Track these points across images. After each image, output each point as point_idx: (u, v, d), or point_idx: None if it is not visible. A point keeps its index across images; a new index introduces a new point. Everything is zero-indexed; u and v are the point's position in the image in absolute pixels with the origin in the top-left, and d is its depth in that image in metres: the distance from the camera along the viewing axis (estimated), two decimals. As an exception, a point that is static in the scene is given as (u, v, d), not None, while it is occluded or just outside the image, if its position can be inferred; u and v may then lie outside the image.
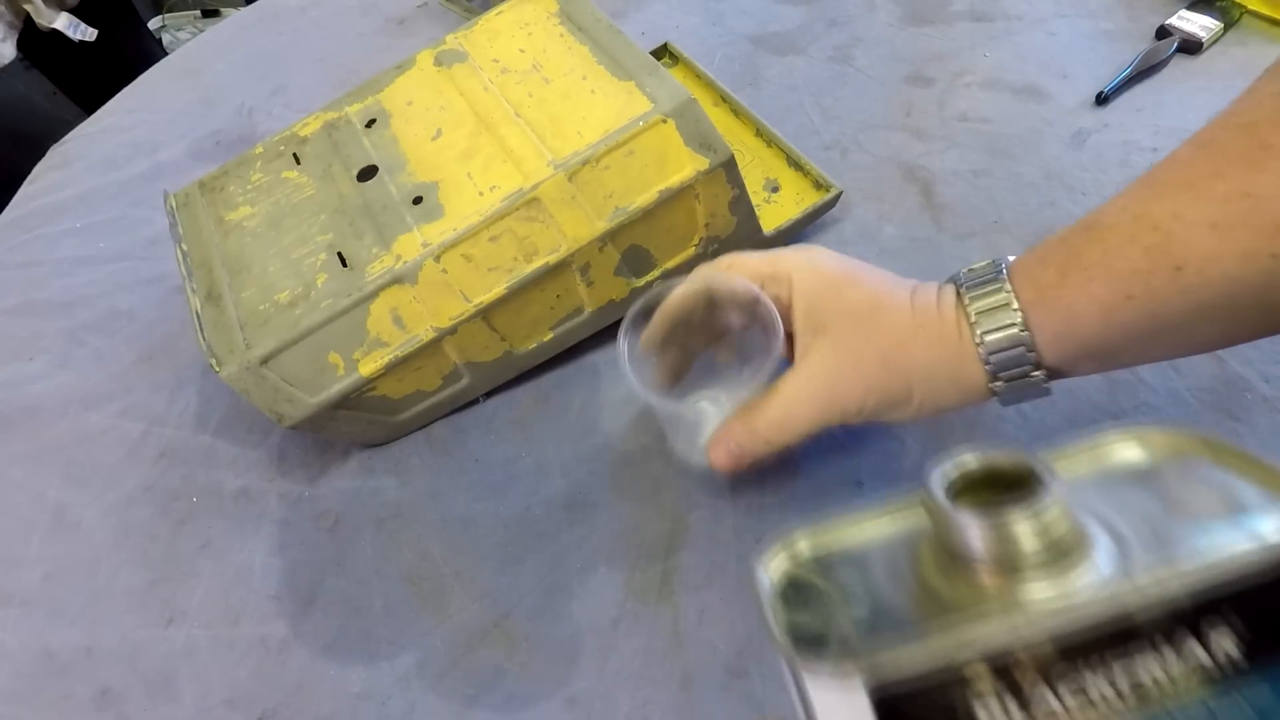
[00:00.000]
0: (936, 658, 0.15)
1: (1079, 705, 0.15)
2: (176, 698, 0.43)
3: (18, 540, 0.51)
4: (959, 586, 0.16)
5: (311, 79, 0.82)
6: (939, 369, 0.36)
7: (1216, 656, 0.15)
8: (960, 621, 0.15)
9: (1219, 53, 0.69)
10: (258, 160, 0.55)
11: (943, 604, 0.16)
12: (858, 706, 0.15)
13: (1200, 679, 0.15)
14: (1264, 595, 0.14)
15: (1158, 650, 0.14)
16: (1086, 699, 0.15)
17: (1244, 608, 0.14)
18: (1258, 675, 0.14)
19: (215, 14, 2.00)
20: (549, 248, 0.47)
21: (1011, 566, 0.15)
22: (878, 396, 0.37)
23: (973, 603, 0.16)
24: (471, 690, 0.42)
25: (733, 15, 0.80)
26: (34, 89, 1.11)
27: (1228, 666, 0.15)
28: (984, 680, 0.15)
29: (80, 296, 0.64)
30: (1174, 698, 0.14)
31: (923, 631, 0.15)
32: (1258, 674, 0.14)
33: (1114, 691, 0.14)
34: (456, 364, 0.50)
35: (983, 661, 0.15)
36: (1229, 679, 0.15)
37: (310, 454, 0.52)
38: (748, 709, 0.40)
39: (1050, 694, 0.15)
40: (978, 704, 0.15)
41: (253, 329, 0.46)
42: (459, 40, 0.56)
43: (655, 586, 0.44)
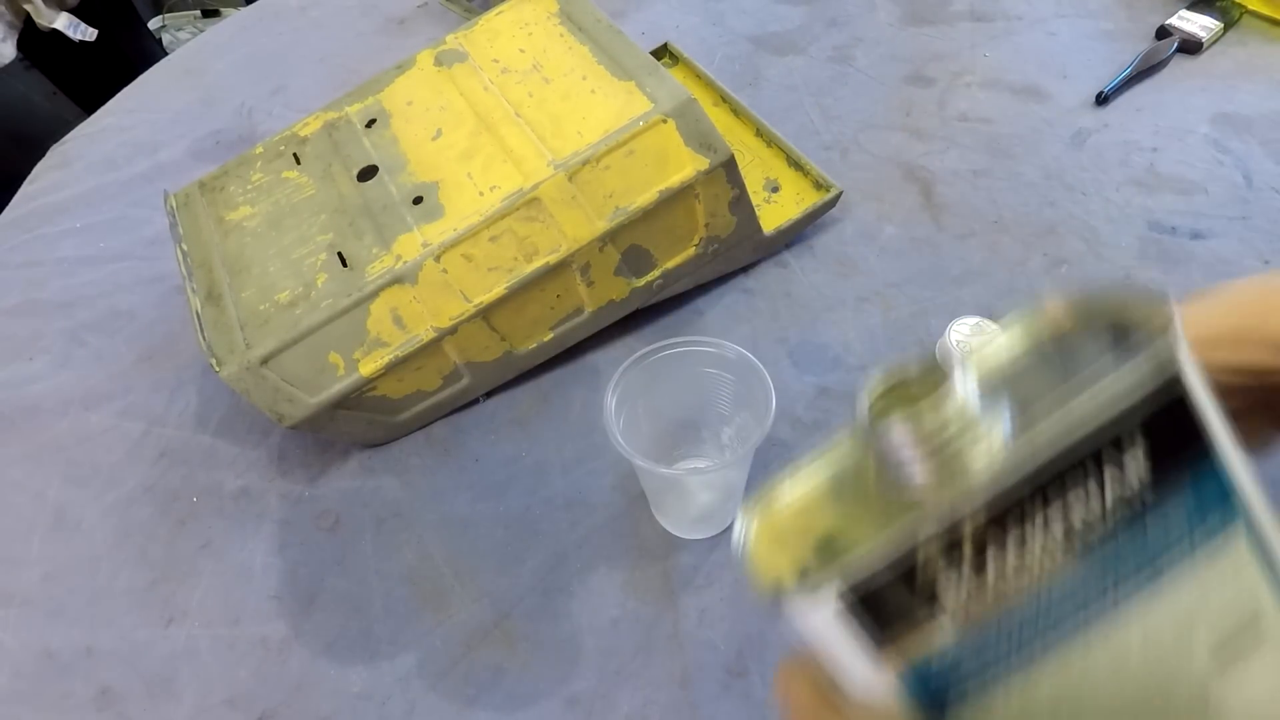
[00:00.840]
0: (891, 549, 0.16)
1: (1026, 559, 0.16)
2: (176, 698, 0.43)
3: (18, 540, 0.51)
4: (900, 493, 0.17)
5: (311, 79, 0.82)
6: None
7: (1131, 485, 0.16)
8: (905, 515, 0.16)
9: (1219, 53, 0.69)
10: (258, 160, 0.55)
11: (889, 512, 0.17)
12: (831, 617, 0.16)
13: (1125, 509, 0.16)
14: (1157, 415, 0.15)
15: (1082, 489, 0.16)
16: (1034, 550, 0.16)
17: (1146, 431, 0.16)
18: (1170, 492, 0.16)
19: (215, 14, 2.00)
20: (549, 248, 0.47)
21: (934, 456, 0.16)
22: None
23: (914, 500, 0.17)
24: (471, 690, 0.42)
25: (733, 15, 0.80)
26: (34, 89, 1.11)
27: (1145, 491, 0.16)
28: (936, 560, 0.16)
29: (80, 296, 0.64)
30: (1107, 532, 0.16)
31: (876, 535, 0.16)
32: (1170, 491, 0.16)
33: (1055, 539, 0.16)
34: (456, 364, 0.50)
35: (933, 542, 0.16)
36: (1148, 504, 0.16)
37: (310, 454, 0.52)
38: (748, 709, 0.40)
39: (999, 555, 0.16)
40: (940, 581, 0.16)
41: (253, 329, 0.46)
42: (459, 40, 0.56)
43: (655, 586, 0.44)
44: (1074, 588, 0.16)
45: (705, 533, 0.45)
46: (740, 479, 0.44)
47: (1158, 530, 0.16)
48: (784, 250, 0.59)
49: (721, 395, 0.43)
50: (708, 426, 0.46)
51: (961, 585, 0.16)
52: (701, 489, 0.44)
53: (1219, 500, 0.16)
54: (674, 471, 0.42)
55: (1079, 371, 0.16)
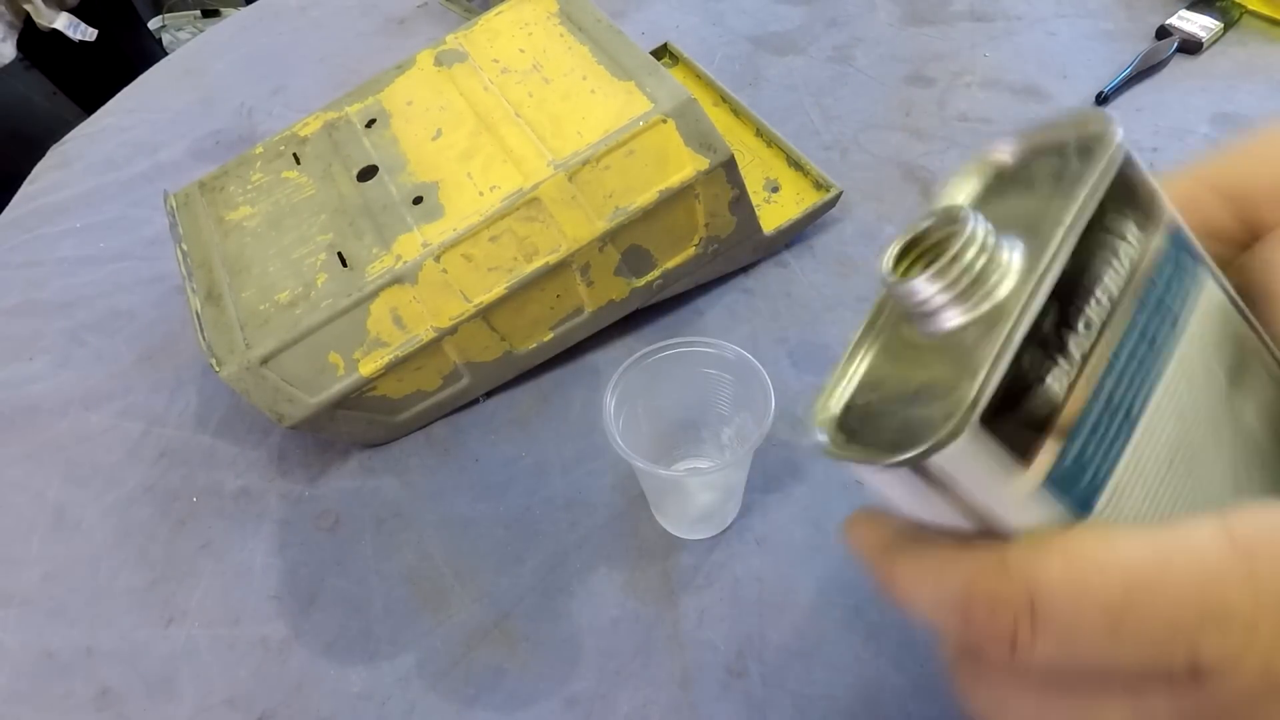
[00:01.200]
0: (998, 366, 0.17)
1: (1095, 336, 0.18)
2: (176, 698, 0.43)
3: (18, 540, 0.51)
4: (947, 338, 0.19)
5: (311, 79, 0.82)
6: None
7: (1134, 255, 0.19)
8: (989, 333, 0.17)
9: (1219, 53, 0.69)
10: (258, 160, 0.55)
11: (951, 352, 0.18)
12: (970, 450, 0.17)
13: (1139, 276, 0.19)
14: (1123, 195, 0.18)
15: (1108, 268, 0.18)
16: (1095, 327, 0.18)
17: (1127, 213, 0.19)
18: (1163, 255, 0.19)
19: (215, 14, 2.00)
20: (549, 248, 0.47)
21: (961, 298, 0.18)
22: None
23: (946, 347, 0.18)
24: (471, 690, 0.42)
25: (733, 15, 0.80)
26: (34, 89, 1.11)
27: (1145, 256, 0.19)
28: (1039, 360, 0.17)
29: (80, 296, 0.64)
30: (1138, 297, 0.18)
31: (968, 365, 0.17)
32: (1162, 254, 0.19)
33: (1104, 312, 0.18)
34: (456, 364, 0.50)
35: (1028, 345, 0.17)
36: (1152, 266, 0.19)
37: (310, 454, 0.52)
38: (748, 709, 0.40)
39: (1075, 337, 0.18)
40: (1046, 379, 0.17)
41: (253, 329, 0.46)
42: (459, 40, 0.56)
43: (655, 586, 0.44)
44: (1133, 350, 0.18)
45: (705, 533, 0.45)
46: (740, 479, 0.44)
47: (1166, 286, 0.19)
48: (784, 250, 0.59)
49: (721, 395, 0.43)
50: (707, 427, 0.46)
51: (1061, 375, 0.17)
52: (701, 489, 0.44)
53: (1189, 254, 0.20)
54: (673, 473, 0.42)
55: (1049, 188, 0.19)
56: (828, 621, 0.42)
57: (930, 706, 0.39)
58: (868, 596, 0.42)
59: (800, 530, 0.45)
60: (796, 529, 0.45)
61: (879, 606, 0.42)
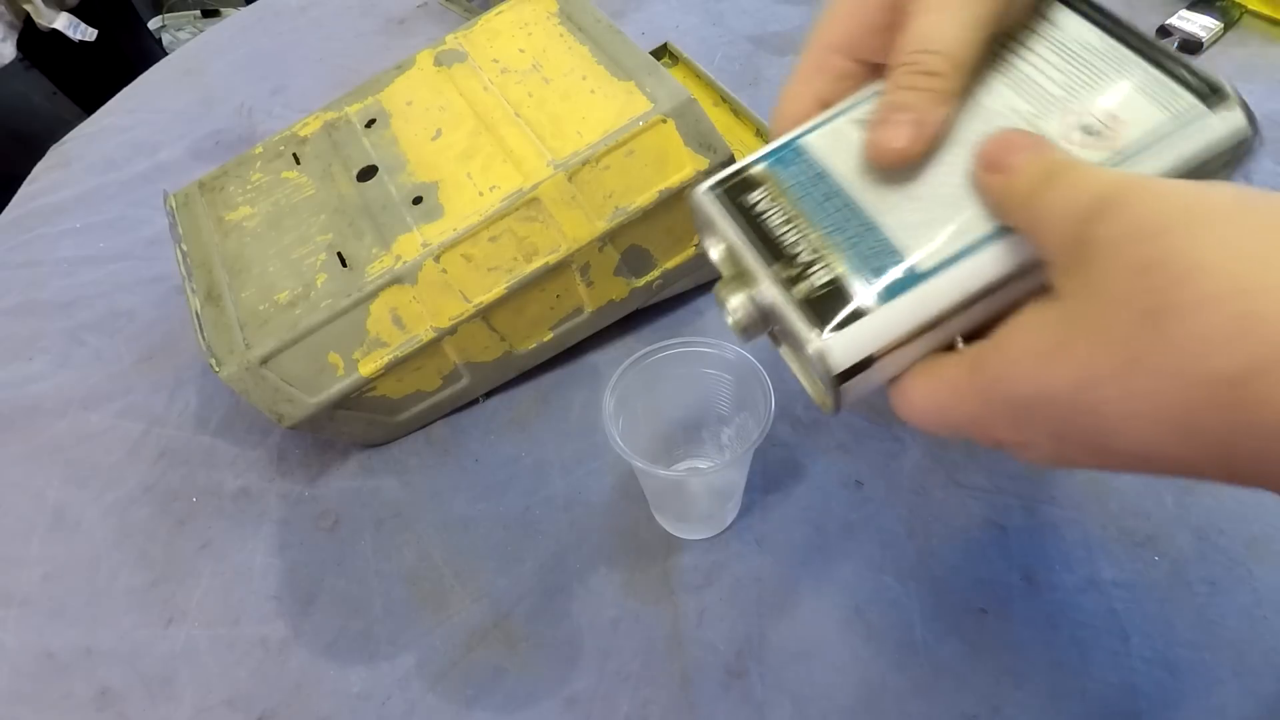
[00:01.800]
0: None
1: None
2: (176, 698, 0.43)
3: (18, 540, 0.51)
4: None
5: (311, 79, 0.82)
6: None
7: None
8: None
9: (1219, 53, 0.69)
10: (257, 160, 0.55)
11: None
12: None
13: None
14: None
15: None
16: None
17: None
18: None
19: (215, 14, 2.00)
20: (549, 248, 0.47)
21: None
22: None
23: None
24: (471, 690, 0.42)
25: (733, 15, 0.80)
26: (34, 89, 1.11)
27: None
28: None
29: (80, 296, 0.64)
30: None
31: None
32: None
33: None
34: (456, 364, 0.50)
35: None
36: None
37: (310, 454, 0.52)
38: (747, 709, 0.40)
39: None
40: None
41: (253, 329, 0.46)
42: (459, 40, 0.56)
43: (655, 586, 0.44)
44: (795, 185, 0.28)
45: (705, 533, 0.45)
46: (740, 479, 0.44)
47: (787, 173, 0.28)
48: (784, 250, 0.59)
49: (721, 395, 0.43)
50: (707, 427, 0.46)
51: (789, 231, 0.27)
52: (701, 489, 0.44)
53: (781, 157, 0.28)
54: (673, 473, 0.42)
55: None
56: (828, 621, 0.42)
57: (930, 706, 0.39)
58: (868, 596, 0.43)
59: (800, 530, 0.45)
60: (796, 529, 0.45)
61: (879, 607, 0.42)
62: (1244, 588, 0.41)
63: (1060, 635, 0.40)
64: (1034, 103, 0.26)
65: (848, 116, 0.28)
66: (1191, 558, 0.42)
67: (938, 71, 0.24)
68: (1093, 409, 0.19)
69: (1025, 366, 0.21)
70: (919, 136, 0.25)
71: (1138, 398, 0.18)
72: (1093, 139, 0.24)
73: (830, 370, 0.24)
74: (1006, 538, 0.44)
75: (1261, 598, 0.40)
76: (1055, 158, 0.22)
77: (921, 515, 0.45)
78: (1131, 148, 0.24)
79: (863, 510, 0.46)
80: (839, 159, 0.27)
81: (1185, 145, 0.24)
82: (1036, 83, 0.26)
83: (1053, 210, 0.21)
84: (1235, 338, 0.17)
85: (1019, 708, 0.38)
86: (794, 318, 0.25)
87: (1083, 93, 0.25)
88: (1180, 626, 0.40)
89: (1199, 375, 0.17)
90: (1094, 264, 0.19)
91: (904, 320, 0.24)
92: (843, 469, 0.47)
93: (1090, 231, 0.20)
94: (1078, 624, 0.40)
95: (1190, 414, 0.18)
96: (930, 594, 0.42)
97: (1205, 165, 0.24)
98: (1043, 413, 0.21)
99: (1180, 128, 0.24)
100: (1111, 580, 0.42)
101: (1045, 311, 0.21)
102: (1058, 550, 0.43)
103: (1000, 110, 0.26)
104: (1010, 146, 0.23)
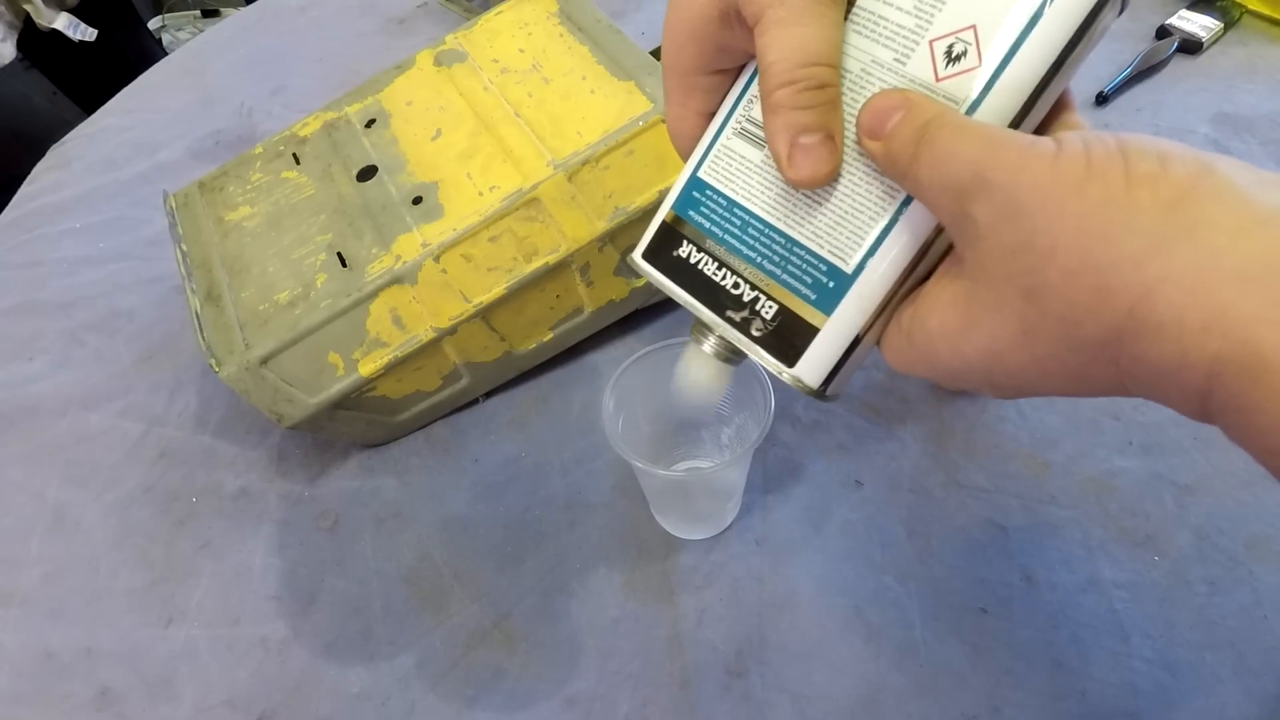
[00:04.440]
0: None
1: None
2: (176, 698, 0.43)
3: (18, 540, 0.51)
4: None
5: (311, 79, 0.82)
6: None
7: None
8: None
9: (1219, 53, 0.69)
10: (257, 160, 0.55)
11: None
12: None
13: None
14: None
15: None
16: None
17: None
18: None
19: (215, 14, 2.00)
20: (549, 248, 0.47)
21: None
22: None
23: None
24: (471, 690, 0.42)
25: (733, 15, 0.80)
26: (34, 89, 1.11)
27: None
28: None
29: (80, 296, 0.64)
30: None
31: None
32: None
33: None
34: (456, 364, 0.50)
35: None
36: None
37: (310, 454, 0.52)
38: (747, 709, 0.40)
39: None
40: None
41: (252, 329, 0.46)
42: (459, 40, 0.56)
43: (655, 586, 0.44)
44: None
45: (705, 533, 0.45)
46: (740, 479, 0.44)
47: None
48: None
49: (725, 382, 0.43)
50: (707, 427, 0.46)
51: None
52: (701, 489, 0.44)
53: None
54: (673, 473, 0.42)
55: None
56: (828, 621, 0.42)
57: (930, 706, 0.39)
58: (868, 596, 0.42)
59: (800, 530, 0.45)
60: (796, 529, 0.45)
61: (879, 606, 0.42)
62: (1244, 588, 0.41)
63: (1060, 635, 0.40)
64: (893, 45, 0.25)
65: (730, 128, 0.28)
66: (1191, 558, 0.42)
67: (827, 83, 0.24)
68: (1007, 371, 0.23)
69: (944, 343, 0.24)
70: (836, 150, 0.25)
71: (1039, 360, 0.22)
72: (960, 66, 0.23)
73: (808, 390, 0.27)
74: (1006, 538, 0.44)
75: (1261, 598, 0.40)
76: (923, 118, 0.22)
77: (921, 515, 0.45)
78: (999, 60, 0.23)
79: (863, 510, 0.46)
80: (740, 182, 0.27)
81: (1053, 30, 0.23)
82: (887, 20, 0.25)
83: (933, 183, 0.22)
84: (1096, 309, 0.19)
85: (1019, 708, 0.38)
86: (759, 356, 0.27)
87: (934, 11, 0.24)
88: (1180, 626, 0.40)
89: (1078, 340, 0.20)
90: (980, 244, 0.22)
91: (854, 319, 0.26)
92: (843, 469, 0.47)
93: (969, 209, 0.21)
94: (1078, 624, 0.40)
95: (1082, 368, 0.21)
96: (930, 594, 0.42)
97: (1087, 32, 0.23)
98: (969, 375, 0.24)
99: (1041, 9, 0.22)
100: (1111, 580, 0.42)
101: (954, 287, 0.24)
102: (1058, 550, 0.43)
103: (867, 69, 0.25)
104: (882, 112, 0.23)
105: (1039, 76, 0.23)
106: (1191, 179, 0.19)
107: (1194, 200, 0.18)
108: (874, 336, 0.26)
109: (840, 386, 0.27)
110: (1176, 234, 0.18)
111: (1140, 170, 0.19)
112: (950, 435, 0.48)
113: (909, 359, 0.25)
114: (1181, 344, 0.18)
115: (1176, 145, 0.20)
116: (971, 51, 0.23)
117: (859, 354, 0.26)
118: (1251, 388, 0.17)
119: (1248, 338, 0.17)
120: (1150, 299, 0.18)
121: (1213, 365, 0.18)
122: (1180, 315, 0.18)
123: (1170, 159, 0.19)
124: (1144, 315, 0.19)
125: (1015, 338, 0.22)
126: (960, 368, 0.24)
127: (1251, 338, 0.17)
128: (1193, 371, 0.18)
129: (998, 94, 0.23)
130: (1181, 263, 0.18)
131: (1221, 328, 0.18)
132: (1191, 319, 0.18)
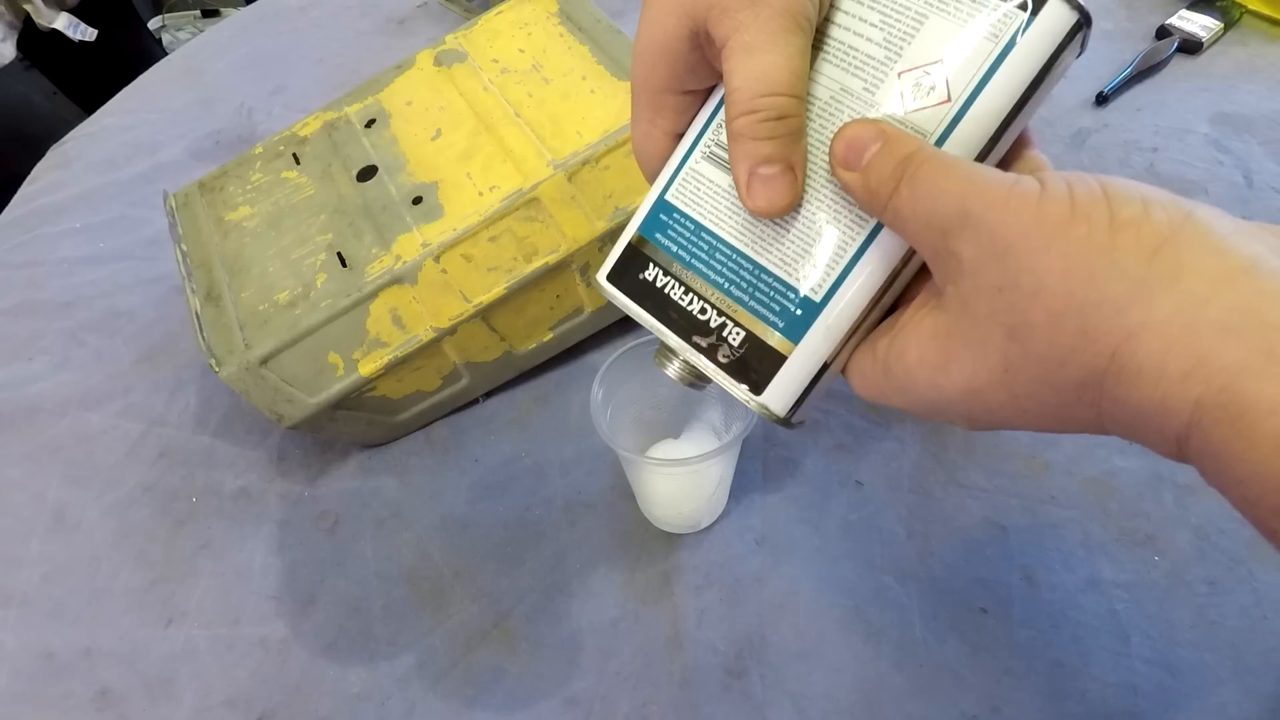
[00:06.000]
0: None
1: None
2: (176, 698, 0.43)
3: (18, 540, 0.51)
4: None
5: (311, 79, 0.82)
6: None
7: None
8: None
9: (1219, 53, 0.69)
10: (257, 160, 0.55)
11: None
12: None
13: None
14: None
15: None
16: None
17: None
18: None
19: (215, 14, 2.00)
20: (549, 248, 0.47)
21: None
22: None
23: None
24: (471, 690, 0.42)
25: (733, 15, 0.80)
26: (34, 89, 1.11)
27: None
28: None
29: (80, 296, 0.64)
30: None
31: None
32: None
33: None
34: (456, 364, 0.50)
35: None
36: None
37: (310, 454, 0.52)
38: (747, 709, 0.40)
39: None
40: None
41: (252, 329, 0.46)
42: (459, 40, 0.56)
43: (655, 586, 0.44)
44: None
45: (690, 527, 0.45)
46: (728, 471, 0.44)
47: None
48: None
49: (710, 386, 0.43)
50: (697, 418, 0.46)
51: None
52: (688, 480, 0.44)
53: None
54: (657, 459, 0.42)
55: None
56: (828, 621, 0.42)
57: (930, 706, 0.39)
58: (867, 596, 0.42)
59: (800, 530, 0.45)
60: (796, 529, 0.45)
61: (879, 606, 0.42)
62: (1244, 588, 0.41)
63: (1060, 635, 0.40)
64: (862, 75, 0.25)
65: (699, 150, 0.27)
66: (1191, 558, 0.42)
67: (788, 113, 0.24)
68: (985, 408, 0.23)
69: (922, 376, 0.23)
70: (796, 181, 0.25)
71: (1019, 398, 0.22)
72: (929, 98, 0.24)
73: (775, 418, 0.26)
74: (1006, 538, 0.44)
75: (1261, 598, 0.40)
76: (903, 151, 0.22)
77: (921, 515, 0.45)
78: (967, 94, 0.23)
79: (863, 510, 0.46)
80: (708, 206, 0.27)
81: (1018, 69, 0.23)
82: (857, 50, 0.25)
83: (914, 217, 0.22)
84: (1079, 351, 0.20)
85: (1019, 708, 0.38)
86: (725, 383, 0.27)
87: (903, 44, 0.24)
88: (1180, 626, 0.40)
89: (1060, 380, 0.20)
90: (963, 280, 0.22)
91: (821, 347, 0.26)
92: (843, 469, 0.47)
93: (953, 245, 0.22)
94: (1078, 624, 0.40)
95: (1062, 408, 0.21)
96: (930, 594, 0.42)
97: (1050, 72, 0.23)
98: (945, 409, 0.24)
99: (1007, 49, 0.23)
100: (1111, 580, 0.42)
101: (933, 320, 0.23)
102: (1058, 550, 0.43)
103: (837, 97, 0.25)
104: (857, 143, 0.23)
105: (1005, 110, 0.23)
106: (1173, 226, 0.19)
107: (1175, 247, 0.19)
108: (840, 363, 0.26)
109: (806, 413, 0.27)
110: (1159, 280, 0.19)
111: (1124, 215, 0.19)
112: (950, 435, 0.48)
113: (884, 390, 0.25)
114: (1162, 389, 0.18)
115: (1157, 190, 0.20)
116: (940, 85, 0.24)
117: (825, 381, 0.26)
118: (1231, 437, 0.18)
119: (1228, 386, 0.17)
120: (1132, 343, 0.19)
121: (1193, 412, 0.18)
122: (1161, 362, 0.18)
123: (1152, 204, 0.19)
124: (1125, 359, 0.19)
125: (996, 375, 0.22)
126: (937, 400, 0.23)
127: (1231, 386, 0.17)
128: (1172, 417, 0.19)
129: (965, 126, 0.23)
130: (1164, 309, 0.18)
131: (1202, 376, 0.18)
132: (1173, 366, 0.18)
